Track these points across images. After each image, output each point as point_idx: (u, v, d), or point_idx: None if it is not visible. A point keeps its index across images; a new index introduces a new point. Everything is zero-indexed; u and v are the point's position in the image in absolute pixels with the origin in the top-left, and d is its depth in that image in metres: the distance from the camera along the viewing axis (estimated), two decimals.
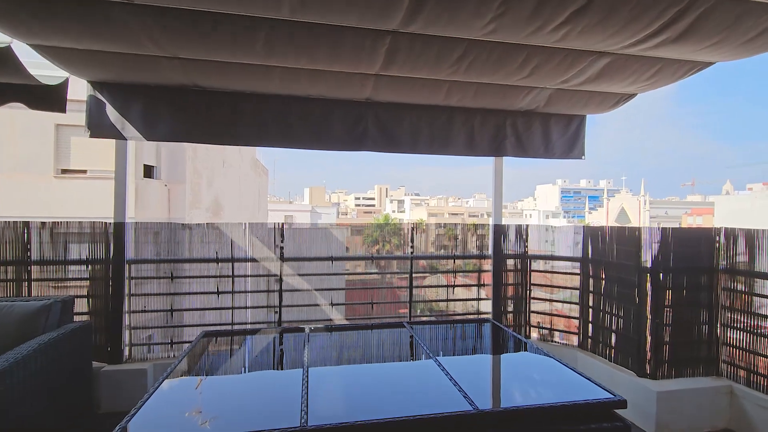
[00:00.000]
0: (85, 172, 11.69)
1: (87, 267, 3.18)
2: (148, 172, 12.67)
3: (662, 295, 3.00)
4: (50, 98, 2.95)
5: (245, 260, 3.47)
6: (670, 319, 3.00)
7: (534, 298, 3.94)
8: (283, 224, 3.52)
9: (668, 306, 3.00)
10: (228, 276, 3.43)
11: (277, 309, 3.52)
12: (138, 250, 3.29)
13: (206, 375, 2.41)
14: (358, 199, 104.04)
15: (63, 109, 3.00)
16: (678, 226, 3.00)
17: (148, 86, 3.12)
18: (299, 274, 3.57)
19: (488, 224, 3.98)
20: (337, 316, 3.65)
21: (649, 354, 3.03)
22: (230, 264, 3.44)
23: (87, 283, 3.18)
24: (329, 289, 3.62)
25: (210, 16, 2.07)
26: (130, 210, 12.04)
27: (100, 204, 11.31)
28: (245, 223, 3.45)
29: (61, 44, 2.43)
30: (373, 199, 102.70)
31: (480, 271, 3.97)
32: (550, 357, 2.48)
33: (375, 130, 3.49)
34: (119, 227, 3.23)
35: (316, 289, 3.61)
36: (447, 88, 3.08)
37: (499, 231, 3.88)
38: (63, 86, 2.97)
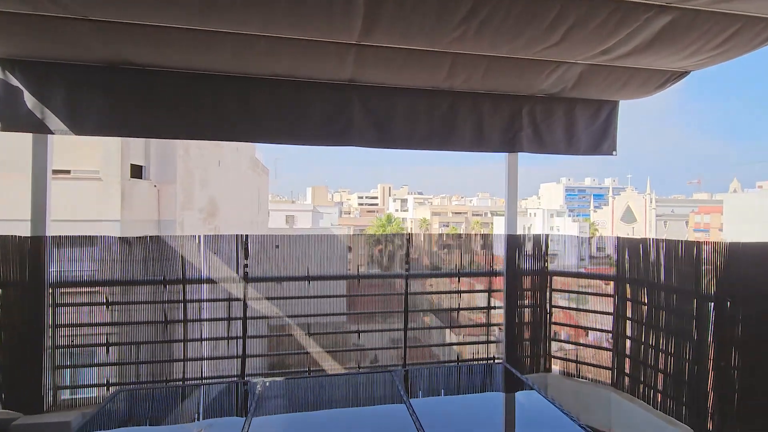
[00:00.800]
0: (68, 172, 11.11)
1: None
2: (137, 172, 12.07)
3: (730, 330, 2.32)
4: None
5: (200, 281, 2.80)
6: (740, 361, 2.31)
7: (556, 323, 3.26)
8: (246, 236, 2.86)
9: (738, 344, 2.31)
10: (178, 301, 2.77)
11: (241, 338, 2.85)
12: (65, 270, 2.63)
13: None
14: (361, 198, 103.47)
15: None
16: (749, 241, 2.32)
17: (72, 65, 2.47)
18: (267, 298, 2.90)
19: (493, 223, 3.30)
20: (316, 349, 2.98)
21: (711, 405, 2.35)
22: (180, 286, 2.77)
23: None
24: (304, 316, 2.96)
25: None
26: (115, 212, 11.47)
27: (84, 205, 10.76)
28: (199, 236, 2.79)
29: None
30: (376, 198, 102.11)
31: (490, 291, 3.29)
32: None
33: (362, 121, 2.82)
34: (37, 242, 2.57)
35: (289, 316, 2.94)
36: (450, 63, 2.40)
37: (514, 243, 3.20)
38: None
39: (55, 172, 9.54)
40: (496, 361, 3.25)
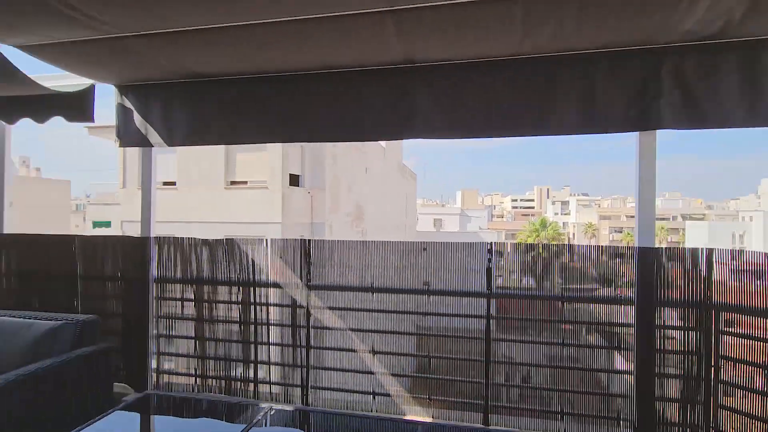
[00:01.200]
0: (245, 183, 13.45)
1: (121, 284, 3.02)
2: (295, 180, 13.83)
3: None
4: (80, 108, 2.85)
5: (267, 285, 2.80)
6: None
7: (727, 383, 2.15)
8: (309, 240, 2.73)
9: None
10: (250, 303, 2.83)
11: (304, 347, 2.73)
12: (165, 268, 2.97)
13: None
14: (515, 201, 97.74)
15: (92, 118, 2.86)
16: None
17: (163, 84, 2.76)
18: (329, 308, 2.71)
19: (684, 230, 2.35)
20: (379, 369, 2.64)
21: None
22: (251, 288, 2.82)
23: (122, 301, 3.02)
24: (368, 331, 2.65)
25: None
26: (278, 216, 13.24)
27: (256, 209, 12.82)
28: (267, 239, 2.79)
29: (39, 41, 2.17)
30: (532, 200, 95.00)
31: (611, 323, 2.38)
32: None
33: (427, 107, 2.38)
34: (144, 242, 2.96)
35: (351, 329, 2.68)
36: (521, 15, 1.77)
37: (650, 259, 2.24)
38: (88, 93, 2.84)
39: (233, 182, 11.47)
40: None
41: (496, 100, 2.28)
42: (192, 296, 2.93)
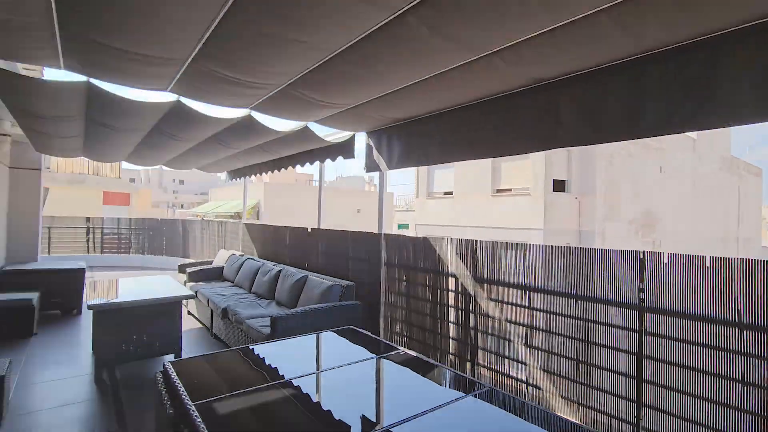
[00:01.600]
0: (510, 190, 14.16)
1: (368, 264, 4.47)
2: (560, 186, 13.38)
3: None
4: (348, 149, 4.49)
5: (446, 274, 3.49)
6: None
7: None
8: (476, 241, 3.23)
9: None
10: (437, 287, 3.60)
11: (472, 328, 3.25)
12: (389, 255, 4.18)
13: None
14: None
15: (353, 155, 4.46)
16: None
17: (388, 127, 3.98)
18: (490, 299, 3.11)
19: None
20: (533, 363, 2.81)
21: None
22: (438, 276, 3.59)
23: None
24: (522, 325, 2.88)
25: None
26: (538, 222, 13.29)
27: (519, 216, 13.33)
28: (448, 238, 3.49)
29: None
30: None
31: None
32: None
33: (569, 115, 2.49)
34: (378, 237, 4.27)
35: (509, 321, 2.98)
36: None
37: None
38: (350, 140, 4.43)
39: (499, 190, 12.64)
40: None
41: (643, 95, 2.15)
42: (404, 277, 4.02)
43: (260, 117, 3.66)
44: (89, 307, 3.64)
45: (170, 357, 4.22)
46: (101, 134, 4.44)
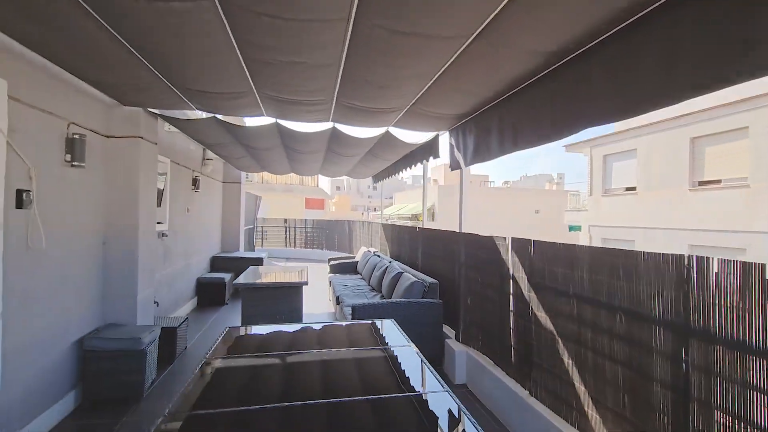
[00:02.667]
0: (718, 182, 10.90)
1: (450, 265, 4.41)
2: None
3: None
4: (433, 149, 4.55)
5: (508, 277, 3.18)
6: None
7: None
8: (532, 241, 2.86)
9: None
10: (503, 291, 3.31)
11: (531, 342, 2.88)
12: (468, 256, 4.04)
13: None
14: None
15: (438, 155, 4.49)
16: None
17: (466, 121, 3.88)
18: (543, 307, 2.69)
19: None
20: (580, 387, 2.32)
21: None
22: (505, 279, 3.30)
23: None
24: (570, 340, 2.40)
25: None
26: (765, 222, 10.03)
27: (733, 214, 10.24)
28: (508, 238, 3.16)
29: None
30: None
31: None
32: None
33: (601, 87, 2.05)
34: (457, 237, 4.17)
35: (557, 333, 2.52)
36: None
37: None
38: (435, 141, 4.48)
39: (702, 183, 10.40)
40: None
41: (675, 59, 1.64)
42: (478, 278, 3.83)
43: (343, 128, 4.16)
44: (234, 285, 4.84)
45: None
46: (254, 153, 5.80)
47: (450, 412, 1.52)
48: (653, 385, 1.88)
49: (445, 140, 4.43)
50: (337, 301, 5.30)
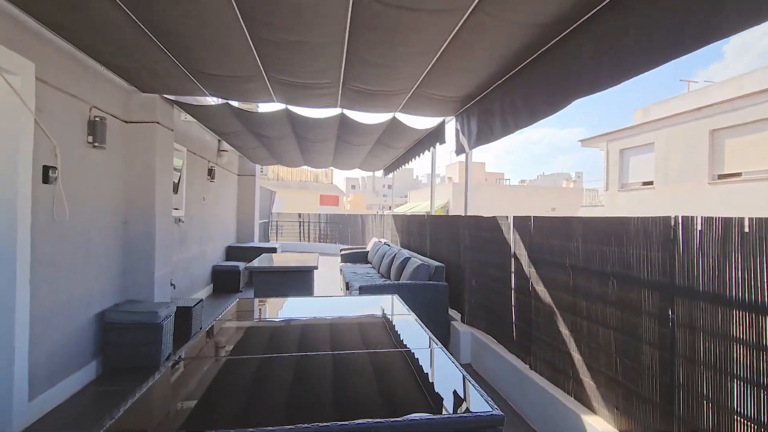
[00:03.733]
0: (738, 175, 10.61)
1: (455, 247, 4.47)
2: None
3: None
4: (440, 135, 4.62)
5: (510, 256, 3.23)
6: None
7: None
8: (532, 217, 2.91)
9: None
10: (509, 271, 3.36)
11: (529, 319, 2.93)
12: (471, 238, 4.09)
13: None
14: None
15: (444, 140, 4.56)
16: None
17: (467, 108, 3.94)
18: (542, 281, 2.74)
19: None
20: (577, 356, 2.36)
21: None
22: (506, 257, 3.35)
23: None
24: (580, 317, 2.45)
25: None
26: None
27: (758, 207, 9.99)
28: (510, 217, 3.22)
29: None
30: None
31: None
32: None
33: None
34: (459, 220, 4.23)
35: (558, 309, 2.57)
36: None
37: None
38: (441, 126, 4.54)
39: (722, 176, 10.12)
40: None
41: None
42: (481, 259, 3.89)
43: (351, 113, 4.27)
44: (246, 268, 5.01)
45: None
46: (267, 143, 5.96)
47: (432, 360, 1.61)
48: (643, 346, 1.93)
49: (451, 126, 4.49)
50: (347, 286, 5.41)
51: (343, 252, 7.88)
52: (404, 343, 1.85)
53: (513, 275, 3.24)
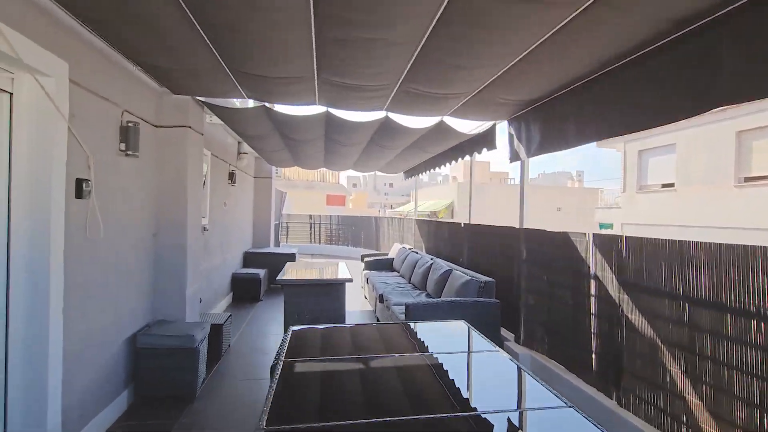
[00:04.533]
0: (766, 178, 10.31)
1: (508, 262, 4.16)
2: None
3: None
4: (489, 140, 4.30)
5: (589, 276, 2.91)
6: None
7: None
8: (621, 237, 2.59)
9: None
10: (579, 291, 3.05)
11: (617, 349, 2.62)
12: (531, 252, 3.78)
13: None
14: None
15: (494, 146, 4.24)
16: None
17: (525, 112, 3.62)
18: (639, 310, 2.43)
19: None
20: (695, 400, 2.06)
21: None
22: (580, 278, 3.03)
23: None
24: (681, 348, 2.14)
25: None
26: None
27: None
28: (589, 234, 2.90)
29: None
30: None
31: None
32: None
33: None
34: (517, 232, 3.92)
35: (660, 340, 2.26)
36: None
37: None
38: (491, 131, 4.23)
39: (748, 179, 9.85)
40: None
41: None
42: (544, 277, 3.58)
43: (396, 117, 3.95)
44: (276, 281, 4.70)
45: None
46: (293, 145, 5.64)
47: None
48: None
49: (502, 129, 4.17)
50: (380, 299, 5.10)
51: (366, 259, 7.56)
52: (508, 396, 1.54)
53: (593, 299, 2.92)
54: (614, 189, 17.78)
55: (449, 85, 3.04)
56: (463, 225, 5.58)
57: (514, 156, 3.95)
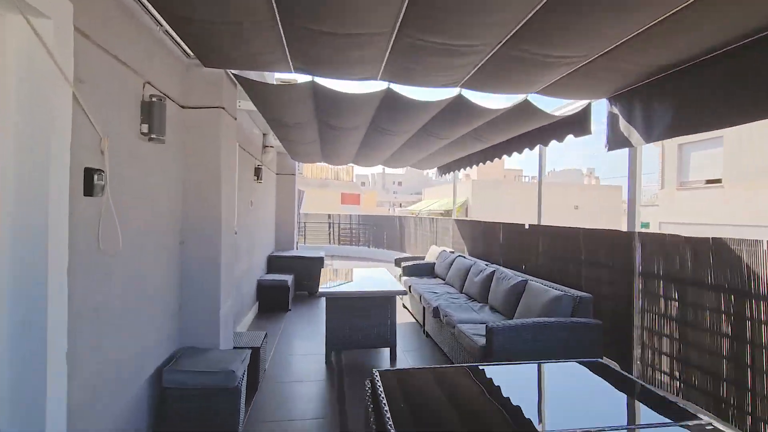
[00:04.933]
0: None
1: (611, 272, 3.40)
2: None
3: None
4: (582, 124, 3.55)
5: (762, 298, 2.15)
6: None
7: None
8: None
9: None
10: (745, 317, 2.29)
11: None
12: (648, 262, 3.02)
13: None
14: None
15: (590, 131, 3.49)
16: None
17: (646, 83, 2.86)
18: None
19: None
20: None
21: None
22: (745, 300, 2.27)
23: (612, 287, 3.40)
24: None
25: None
26: None
27: None
28: (765, 241, 2.14)
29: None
30: None
31: None
32: None
33: None
34: (630, 236, 3.16)
35: None
36: None
37: None
38: (587, 112, 3.47)
39: None
40: None
41: None
42: (675, 295, 2.82)
43: (471, 95, 3.22)
44: (318, 294, 4.01)
45: (386, 351, 4.28)
46: (330, 136, 4.92)
47: None
48: None
49: (601, 110, 3.41)
50: (436, 313, 4.38)
51: (403, 264, 6.84)
52: None
53: (764, 326, 2.17)
54: (646, 186, 16.82)
55: (567, 45, 2.29)
56: (528, 227, 4.82)
57: (619, 142, 3.19)
